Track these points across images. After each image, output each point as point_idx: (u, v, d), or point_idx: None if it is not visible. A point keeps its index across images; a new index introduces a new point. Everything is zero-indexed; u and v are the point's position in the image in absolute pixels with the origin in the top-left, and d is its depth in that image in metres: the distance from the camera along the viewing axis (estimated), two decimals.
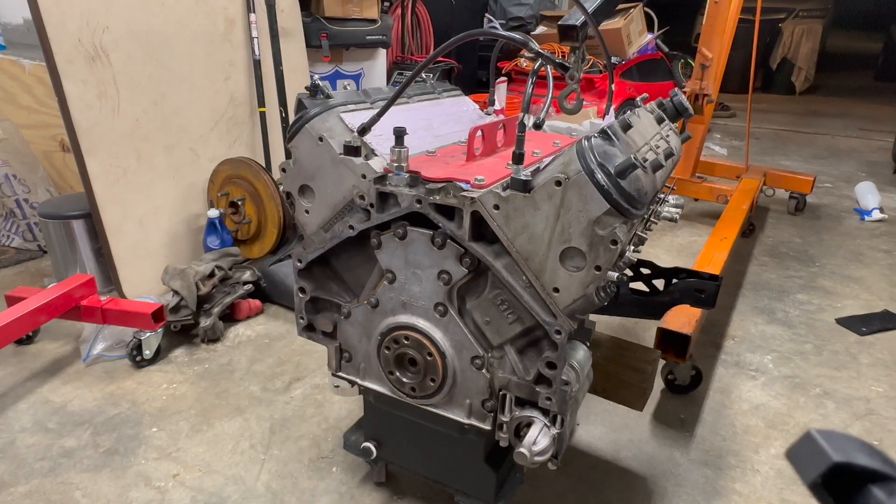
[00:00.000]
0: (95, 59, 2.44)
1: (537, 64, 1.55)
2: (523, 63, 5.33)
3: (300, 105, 1.27)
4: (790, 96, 9.58)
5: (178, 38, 2.76)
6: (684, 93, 3.32)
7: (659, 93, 1.68)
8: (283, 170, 1.30)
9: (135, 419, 1.97)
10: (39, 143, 3.32)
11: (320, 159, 1.24)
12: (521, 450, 1.18)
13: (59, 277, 2.72)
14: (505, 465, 1.43)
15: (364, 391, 1.45)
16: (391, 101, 1.18)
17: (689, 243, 3.62)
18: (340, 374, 1.43)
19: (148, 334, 2.23)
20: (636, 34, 5.20)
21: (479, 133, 1.29)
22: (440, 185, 1.13)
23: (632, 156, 1.00)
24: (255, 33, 3.06)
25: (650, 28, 5.49)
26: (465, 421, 1.28)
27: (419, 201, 1.15)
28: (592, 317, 1.80)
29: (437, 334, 1.23)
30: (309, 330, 1.45)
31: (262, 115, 3.16)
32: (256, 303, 2.66)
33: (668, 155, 1.20)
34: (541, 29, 5.73)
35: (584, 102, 1.55)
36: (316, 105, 1.26)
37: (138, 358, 2.23)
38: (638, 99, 1.51)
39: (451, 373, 1.24)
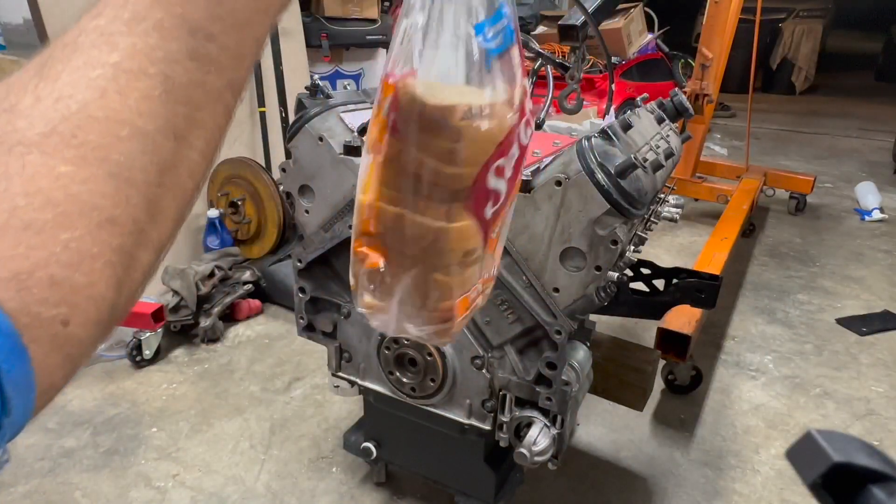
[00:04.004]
0: None
1: (537, 64, 1.55)
2: None
3: (300, 105, 1.27)
4: (790, 96, 9.55)
5: None
6: (684, 93, 3.32)
7: (659, 93, 1.68)
8: (283, 170, 1.30)
9: (135, 419, 1.97)
10: None
11: (320, 159, 1.24)
12: (521, 450, 1.18)
13: None
14: (505, 465, 1.43)
15: (364, 391, 1.45)
16: None
17: (690, 243, 3.62)
18: (340, 374, 1.43)
19: (148, 334, 2.23)
20: (636, 34, 5.20)
21: None
22: None
23: (632, 156, 1.00)
24: None
25: (650, 28, 5.48)
26: (465, 421, 1.28)
27: None
28: (592, 317, 1.80)
29: None
30: (309, 330, 1.45)
31: (262, 115, 3.15)
32: (256, 303, 2.65)
33: (669, 155, 1.20)
34: (541, 29, 5.72)
35: (584, 102, 1.55)
36: (316, 105, 1.26)
37: (138, 358, 2.23)
38: (638, 99, 1.50)
39: (450, 373, 1.24)
